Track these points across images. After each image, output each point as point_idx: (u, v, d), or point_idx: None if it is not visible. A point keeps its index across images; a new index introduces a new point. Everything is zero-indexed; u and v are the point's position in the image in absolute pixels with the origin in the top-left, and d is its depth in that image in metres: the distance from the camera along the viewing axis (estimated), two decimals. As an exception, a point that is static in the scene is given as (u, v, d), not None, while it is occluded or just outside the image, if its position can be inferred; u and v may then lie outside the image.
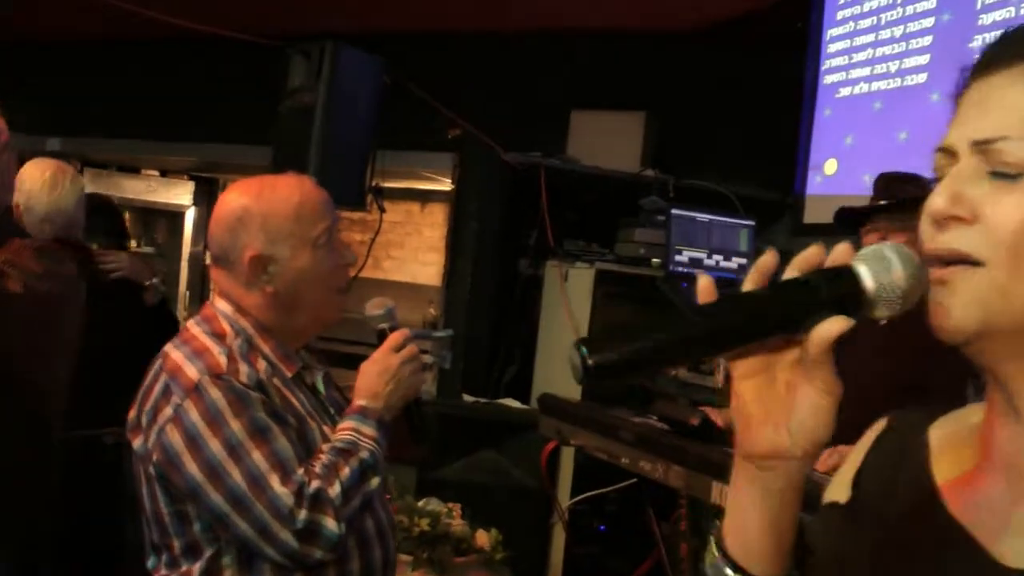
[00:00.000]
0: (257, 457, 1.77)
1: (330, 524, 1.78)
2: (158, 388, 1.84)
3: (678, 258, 4.03)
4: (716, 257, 4.11)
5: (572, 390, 4.03)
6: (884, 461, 1.05)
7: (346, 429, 1.89)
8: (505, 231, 4.65)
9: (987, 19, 3.80)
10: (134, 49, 6.92)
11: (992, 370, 0.91)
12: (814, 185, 4.46)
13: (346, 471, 1.82)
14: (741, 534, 0.96)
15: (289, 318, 1.98)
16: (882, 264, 0.88)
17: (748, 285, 0.91)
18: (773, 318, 0.87)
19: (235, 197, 2.00)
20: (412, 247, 8.66)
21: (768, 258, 0.92)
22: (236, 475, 1.76)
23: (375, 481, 1.88)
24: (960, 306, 0.88)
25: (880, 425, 1.11)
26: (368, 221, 8.81)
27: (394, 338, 2.03)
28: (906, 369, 2.57)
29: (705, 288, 0.90)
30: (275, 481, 1.76)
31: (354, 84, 4.39)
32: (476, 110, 5.25)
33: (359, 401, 1.95)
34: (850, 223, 3.04)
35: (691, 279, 4.01)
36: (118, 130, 7.61)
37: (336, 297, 2.05)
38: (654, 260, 4.11)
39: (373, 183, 4.90)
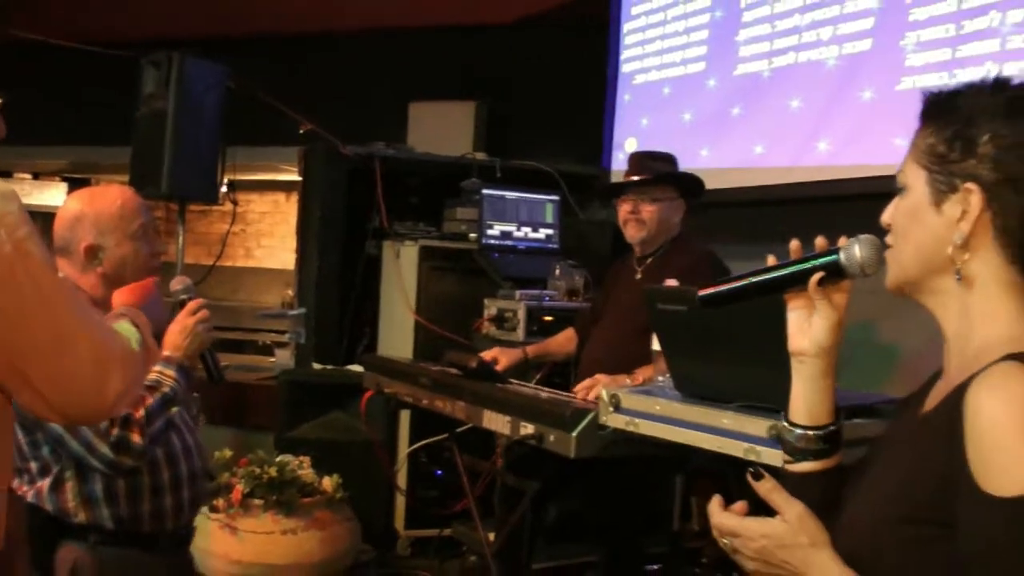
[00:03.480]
0: None
1: (136, 439, 2.31)
2: None
3: (490, 232, 4.57)
4: (525, 229, 4.65)
5: (408, 354, 4.59)
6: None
7: (154, 372, 2.42)
8: (349, 216, 5.12)
9: (749, 16, 4.39)
10: (2, 58, 7.19)
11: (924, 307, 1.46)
12: (618, 161, 5.00)
13: (150, 400, 2.35)
14: (795, 405, 1.58)
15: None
16: (851, 248, 1.48)
17: (771, 261, 1.58)
18: (790, 277, 1.53)
19: (74, 203, 2.55)
20: (280, 235, 9.09)
21: (795, 244, 1.54)
22: None
23: (175, 409, 2.42)
24: (887, 273, 1.47)
25: None
26: (240, 213, 9.24)
27: (191, 305, 2.56)
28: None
29: (794, 248, 1.55)
30: None
31: (200, 90, 4.82)
32: (321, 107, 5.73)
33: (164, 352, 2.48)
34: (609, 194, 3.62)
35: (502, 249, 4.56)
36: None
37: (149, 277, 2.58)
38: (471, 235, 4.64)
39: (226, 178, 5.34)
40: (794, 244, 1.56)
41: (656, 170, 3.55)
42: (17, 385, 1.55)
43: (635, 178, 3.53)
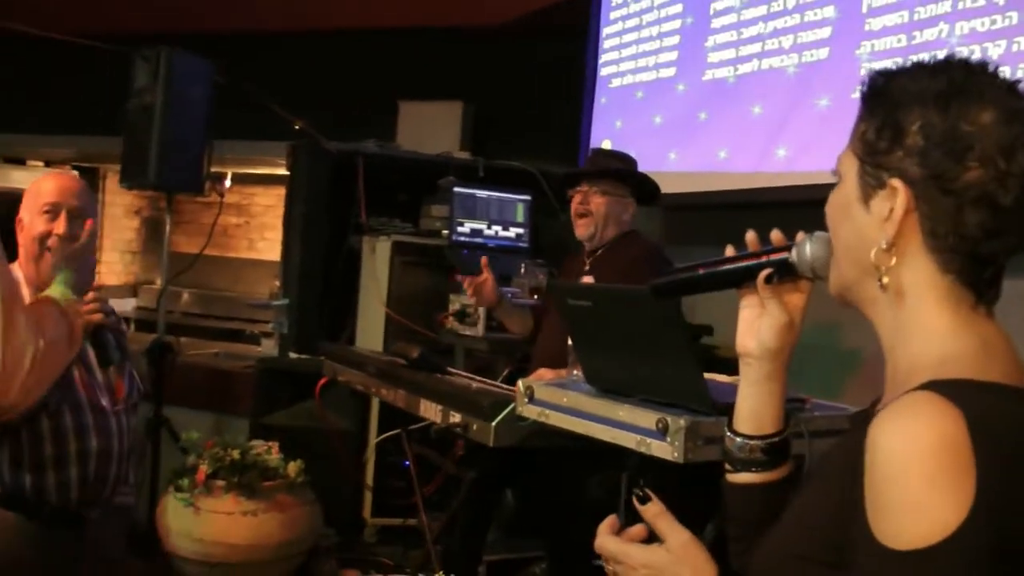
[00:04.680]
0: None
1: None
2: None
3: (460, 229, 4.68)
4: (495, 227, 4.77)
5: (380, 345, 4.71)
6: None
7: None
8: (332, 211, 5.25)
9: (717, 23, 4.49)
10: (14, 50, 7.35)
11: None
12: (594, 163, 5.12)
13: None
14: (738, 411, 1.47)
15: (27, 267, 2.75)
16: (802, 246, 1.39)
17: (730, 252, 1.50)
18: (740, 272, 1.46)
19: None
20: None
21: (751, 235, 1.47)
22: None
23: None
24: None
25: None
26: (244, 206, 9.40)
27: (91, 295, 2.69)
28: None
29: (750, 240, 1.47)
30: None
31: (188, 84, 4.94)
32: (315, 104, 5.87)
33: None
34: (566, 183, 3.75)
35: (471, 246, 4.67)
36: (3, 125, 8.06)
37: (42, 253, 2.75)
38: (444, 232, 4.76)
39: (226, 171, 5.48)
40: (750, 236, 1.47)
41: (609, 166, 3.68)
42: None
43: (590, 170, 3.68)
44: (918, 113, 1.18)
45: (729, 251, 1.51)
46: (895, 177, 1.19)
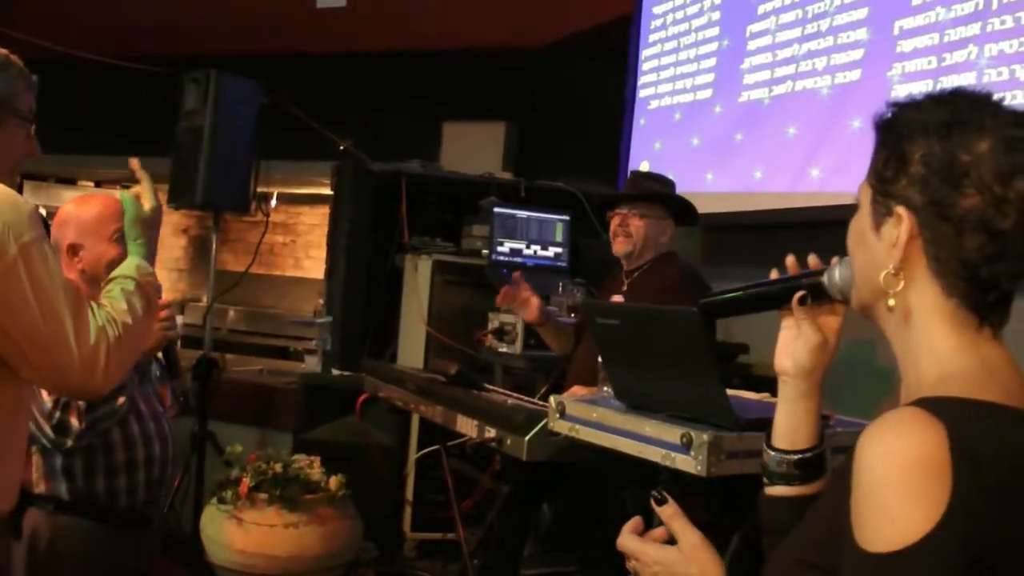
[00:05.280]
0: None
1: (74, 422, 2.57)
2: None
3: (500, 249, 4.76)
4: (534, 247, 4.84)
5: (420, 362, 4.80)
6: None
7: None
8: (376, 230, 5.36)
9: (753, 45, 4.56)
10: (67, 74, 7.55)
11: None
12: (634, 184, 5.19)
13: None
14: (776, 427, 1.52)
15: (92, 289, 2.77)
16: (832, 270, 1.45)
17: (774, 275, 1.56)
18: (777, 294, 1.52)
19: (67, 207, 2.86)
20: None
21: (791, 260, 1.52)
22: None
23: (121, 399, 2.64)
24: None
25: None
26: (291, 225, 9.56)
27: (165, 312, 2.80)
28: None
29: (790, 264, 1.53)
30: (44, 393, 2.56)
31: (236, 106, 5.08)
32: (360, 124, 5.98)
33: None
34: (606, 206, 3.81)
35: (511, 266, 4.74)
36: (55, 146, 8.24)
37: None
38: (484, 251, 4.85)
39: (268, 190, 5.61)
40: (790, 260, 1.53)
41: (648, 188, 3.74)
42: (18, 362, 1.95)
43: (631, 192, 3.74)
44: (921, 143, 1.23)
45: (773, 275, 1.58)
46: (900, 205, 1.24)
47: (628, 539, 1.55)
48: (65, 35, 6.11)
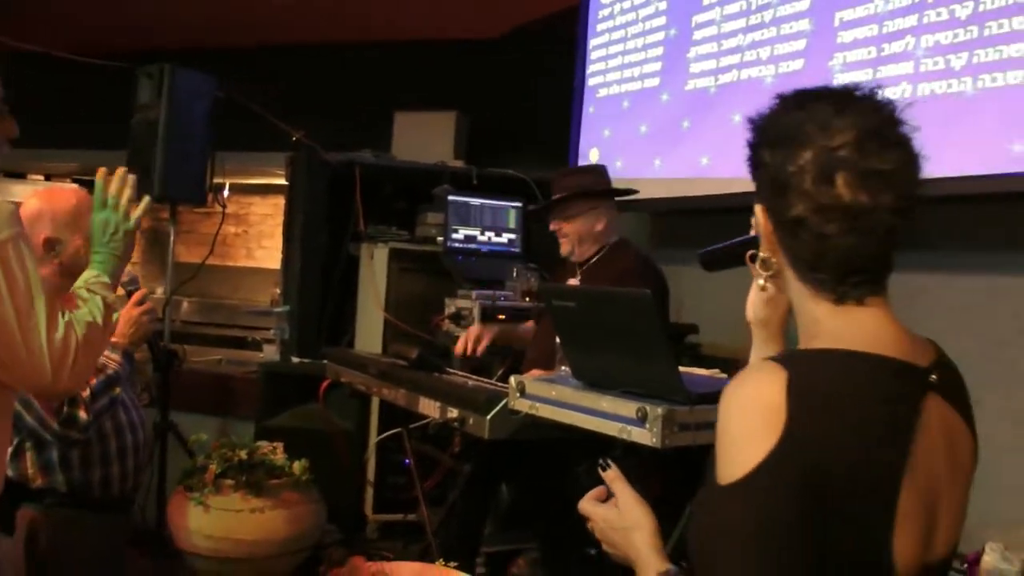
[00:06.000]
0: None
1: (82, 415, 2.65)
2: None
3: (455, 236, 4.85)
4: (488, 233, 4.94)
5: (379, 348, 4.89)
6: None
7: (102, 357, 2.75)
8: (331, 220, 5.44)
9: (699, 35, 4.68)
10: (18, 68, 7.50)
11: None
12: (583, 171, 5.29)
13: (94, 381, 2.67)
14: None
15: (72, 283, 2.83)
16: None
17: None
18: (736, 249, 1.63)
19: (34, 201, 2.89)
20: (280, 237, 9.37)
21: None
22: None
23: (117, 389, 2.74)
24: None
25: None
26: (242, 215, 9.58)
27: (136, 296, 2.88)
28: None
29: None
30: None
31: (190, 99, 5.13)
32: (312, 116, 6.03)
33: (112, 339, 2.80)
34: (537, 221, 3.91)
35: (465, 252, 4.85)
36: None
37: None
38: (440, 239, 4.94)
39: (223, 181, 5.66)
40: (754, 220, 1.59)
41: (566, 187, 3.81)
42: None
43: (545, 203, 3.84)
44: (766, 152, 1.41)
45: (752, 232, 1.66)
46: (759, 203, 1.43)
47: (584, 503, 1.72)
48: (18, 28, 6.11)
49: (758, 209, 1.44)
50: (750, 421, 1.26)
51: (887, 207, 1.32)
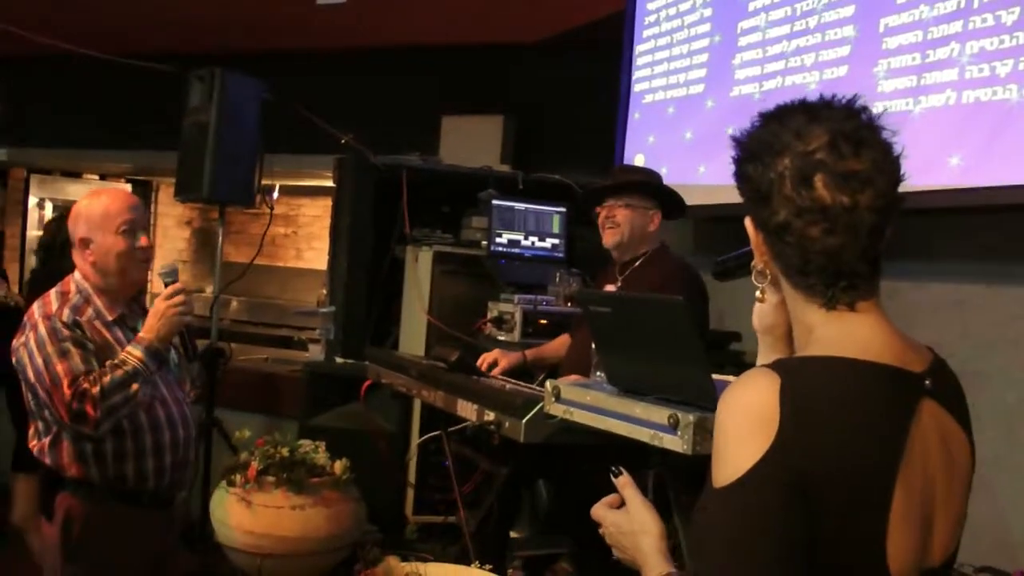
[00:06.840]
0: (59, 369, 2.76)
1: (90, 411, 2.73)
2: (25, 325, 2.85)
3: (498, 240, 4.89)
4: (532, 238, 4.98)
5: (421, 350, 4.92)
6: None
7: (124, 352, 2.81)
8: (377, 222, 5.49)
9: (743, 42, 4.68)
10: (75, 71, 7.66)
11: None
12: (628, 177, 5.30)
13: (108, 378, 2.74)
14: None
15: (105, 280, 2.90)
16: None
17: None
18: (743, 260, 1.64)
19: (79, 203, 3.02)
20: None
21: None
22: (47, 379, 2.76)
23: (135, 386, 2.80)
24: None
25: None
26: (292, 217, 9.69)
27: (167, 291, 2.93)
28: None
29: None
30: (64, 384, 2.74)
31: (240, 102, 5.23)
32: (361, 119, 6.11)
33: (140, 333, 2.86)
34: (591, 201, 3.93)
35: (508, 256, 4.88)
36: (60, 140, 8.40)
37: (134, 267, 2.99)
38: (483, 243, 4.98)
39: (270, 183, 5.74)
40: None
41: (629, 179, 3.85)
42: None
43: (611, 182, 3.85)
44: (749, 166, 1.42)
45: None
46: (747, 214, 1.46)
47: (596, 509, 1.79)
48: (72, 32, 6.23)
49: (748, 222, 1.47)
50: (743, 426, 1.29)
51: (867, 206, 1.34)
